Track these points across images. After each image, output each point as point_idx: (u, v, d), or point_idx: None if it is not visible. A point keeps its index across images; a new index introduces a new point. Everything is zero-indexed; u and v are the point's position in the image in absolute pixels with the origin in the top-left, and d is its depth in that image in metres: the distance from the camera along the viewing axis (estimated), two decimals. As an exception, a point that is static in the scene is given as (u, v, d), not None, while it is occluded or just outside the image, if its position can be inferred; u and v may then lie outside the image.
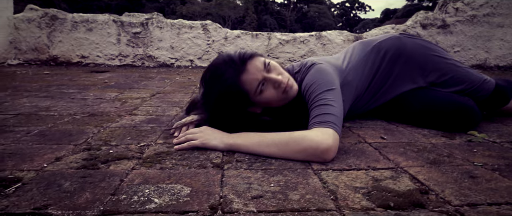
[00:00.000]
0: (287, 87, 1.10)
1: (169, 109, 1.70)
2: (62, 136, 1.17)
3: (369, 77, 1.36)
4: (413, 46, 1.37)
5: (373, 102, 1.41)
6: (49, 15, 4.28)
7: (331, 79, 1.12)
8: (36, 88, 2.32)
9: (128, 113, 1.57)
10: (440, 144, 1.13)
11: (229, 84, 1.05)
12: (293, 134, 0.97)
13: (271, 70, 1.10)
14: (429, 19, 4.54)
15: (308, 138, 0.94)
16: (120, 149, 1.03)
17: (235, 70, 1.05)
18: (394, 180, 0.82)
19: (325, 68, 1.16)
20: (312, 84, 1.10)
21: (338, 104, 1.05)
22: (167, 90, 2.37)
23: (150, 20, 4.37)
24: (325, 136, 0.94)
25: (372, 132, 1.27)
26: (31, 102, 1.80)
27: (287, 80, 1.10)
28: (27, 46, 4.28)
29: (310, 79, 1.13)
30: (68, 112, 1.58)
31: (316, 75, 1.13)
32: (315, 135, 0.95)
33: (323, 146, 0.92)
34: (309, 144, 0.93)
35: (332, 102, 1.03)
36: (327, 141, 0.93)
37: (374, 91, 1.38)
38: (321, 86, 1.08)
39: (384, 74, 1.36)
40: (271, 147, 0.97)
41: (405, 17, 35.71)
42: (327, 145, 0.92)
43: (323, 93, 1.06)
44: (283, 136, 0.98)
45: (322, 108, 1.02)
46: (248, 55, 1.08)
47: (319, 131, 0.97)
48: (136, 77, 3.20)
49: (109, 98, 2.00)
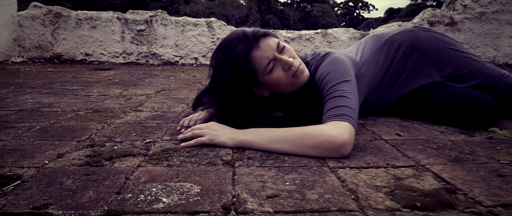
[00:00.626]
0: (298, 71, 1.05)
1: (174, 105, 1.65)
2: (65, 132, 1.13)
3: (382, 71, 1.31)
4: (427, 39, 1.32)
5: (386, 97, 1.36)
6: (53, 12, 4.25)
7: (347, 69, 1.07)
8: (39, 85, 2.28)
9: (133, 110, 1.53)
10: (460, 141, 1.08)
11: (239, 58, 1.01)
12: (307, 129, 0.92)
13: (283, 52, 1.05)
14: (437, 16, 4.47)
15: (324, 133, 0.89)
16: (125, 146, 0.99)
17: (247, 45, 1.01)
18: (417, 179, 0.76)
19: (340, 58, 1.11)
20: (328, 74, 1.05)
21: (354, 96, 1.00)
22: (172, 87, 2.32)
23: (155, 18, 4.33)
24: (341, 130, 0.89)
25: (387, 129, 1.22)
26: (34, 99, 1.76)
27: (299, 64, 1.06)
28: (31, 43, 4.26)
29: (325, 69, 1.07)
30: (71, 108, 1.54)
31: (331, 65, 1.07)
32: (331, 129, 0.90)
33: (339, 140, 0.87)
34: (325, 138, 0.88)
35: (348, 94, 0.98)
36: (344, 136, 0.88)
37: (387, 86, 1.33)
38: (337, 77, 1.03)
39: (398, 68, 1.31)
40: (284, 143, 0.92)
41: (409, 16, 35.51)
42: (343, 139, 0.88)
43: (339, 84, 1.01)
44: (296, 131, 0.93)
45: (337, 100, 0.97)
46: (262, 32, 1.04)
47: (335, 125, 0.92)
48: (140, 75, 3.16)
49: (113, 94, 1.96)
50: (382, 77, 1.31)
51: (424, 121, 1.34)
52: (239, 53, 1.01)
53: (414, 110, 1.36)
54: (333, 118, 0.94)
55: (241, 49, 1.01)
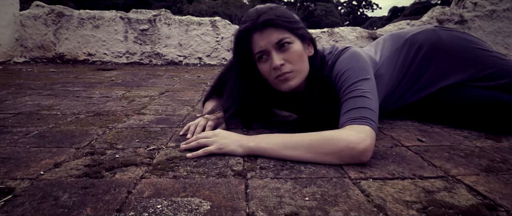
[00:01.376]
0: (281, 77, 0.98)
1: (179, 108, 1.58)
2: (64, 138, 1.06)
3: (401, 71, 1.23)
4: (450, 38, 1.24)
5: (405, 99, 1.28)
6: (56, 12, 4.20)
7: (367, 66, 1.00)
8: (40, 86, 2.22)
9: (136, 113, 1.46)
10: (488, 147, 1.00)
11: (241, 33, 1.01)
12: (325, 134, 0.85)
13: (283, 51, 0.98)
14: (446, 14, 4.37)
15: (343, 138, 0.82)
16: (127, 154, 0.92)
17: (253, 25, 0.98)
18: (449, 192, 0.69)
19: (360, 53, 1.03)
20: (346, 70, 0.98)
21: (374, 96, 0.93)
22: (176, 88, 2.25)
23: (158, 17, 4.27)
24: (361, 135, 0.83)
25: (407, 134, 1.14)
26: (34, 101, 1.70)
27: (287, 72, 0.97)
28: (33, 43, 4.21)
29: (344, 65, 1.00)
30: (71, 111, 1.47)
31: (351, 61, 1.00)
32: (350, 134, 0.83)
33: (360, 147, 0.81)
34: (345, 144, 0.81)
35: (368, 94, 0.91)
36: (365, 142, 0.82)
37: (406, 88, 1.25)
38: (356, 74, 0.95)
39: (418, 69, 1.23)
40: (299, 149, 0.85)
41: (413, 15, 35.24)
42: (364, 146, 0.81)
43: (358, 83, 0.94)
44: (313, 136, 0.86)
45: (357, 101, 0.90)
46: (273, 22, 0.97)
47: (354, 129, 0.85)
48: (143, 75, 3.09)
49: (116, 96, 1.89)
50: (401, 78, 1.23)
51: (444, 125, 1.26)
52: (243, 29, 1.00)
53: (434, 112, 1.28)
54: (352, 122, 0.87)
55: (247, 27, 1.00)
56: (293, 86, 1.00)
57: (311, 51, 1.06)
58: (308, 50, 1.06)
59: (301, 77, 1.01)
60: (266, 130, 1.17)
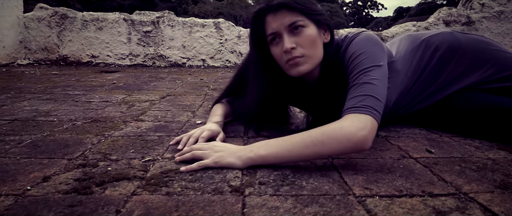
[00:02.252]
0: (291, 61, 0.96)
1: (179, 114, 1.54)
2: (57, 147, 1.02)
3: (416, 72, 1.17)
4: (468, 40, 1.19)
5: (417, 103, 1.22)
6: (59, 14, 4.19)
7: (381, 52, 0.96)
8: (40, 90, 2.19)
9: (134, 119, 1.42)
10: (501, 159, 0.94)
11: (255, 14, 1.01)
12: (324, 128, 0.84)
13: (296, 35, 0.95)
14: (453, 15, 4.30)
15: (342, 130, 0.81)
16: (120, 166, 0.87)
17: (267, 6, 0.98)
18: (462, 214, 0.64)
19: (375, 37, 0.99)
20: (360, 54, 0.94)
21: (383, 84, 0.90)
22: (178, 92, 2.22)
23: (161, 19, 4.24)
24: (361, 125, 0.82)
25: (414, 144, 1.09)
26: (32, 106, 1.67)
27: (298, 56, 0.95)
28: (37, 45, 4.20)
29: (359, 47, 0.95)
30: (69, 117, 1.43)
31: (365, 44, 0.96)
32: (349, 124, 0.82)
33: (359, 137, 0.80)
34: (344, 136, 0.81)
35: (376, 81, 0.89)
36: (363, 132, 0.81)
37: (420, 90, 1.19)
38: (368, 60, 0.92)
39: (434, 71, 1.17)
40: (300, 148, 0.82)
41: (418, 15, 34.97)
42: (363, 135, 0.81)
43: (369, 69, 0.91)
44: (312, 132, 0.83)
45: (363, 88, 0.88)
46: (287, 4, 0.95)
47: (354, 119, 0.83)
48: (146, 78, 3.06)
49: (116, 101, 1.86)
50: (416, 79, 1.18)
51: (453, 133, 1.21)
52: (257, 10, 1.01)
53: (444, 119, 1.22)
54: (354, 111, 0.85)
55: (261, 8, 1.00)
56: (303, 72, 0.97)
57: (327, 38, 1.02)
58: (324, 36, 1.02)
59: (312, 63, 0.98)
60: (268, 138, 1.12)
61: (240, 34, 4.31)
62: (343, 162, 0.91)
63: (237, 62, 4.31)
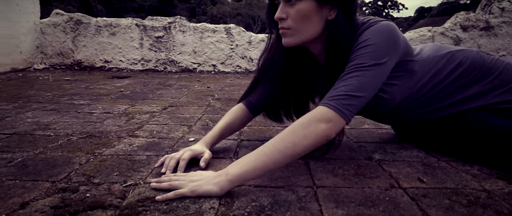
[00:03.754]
0: (281, 30, 1.00)
1: (176, 128, 1.53)
2: (45, 167, 1.03)
3: (431, 81, 1.10)
4: (493, 61, 1.11)
5: (426, 112, 1.15)
6: (74, 19, 4.28)
7: (390, 48, 0.94)
8: (47, 99, 2.24)
9: (129, 134, 1.42)
10: (497, 192, 0.89)
11: None
12: (293, 128, 0.86)
13: (290, 6, 0.97)
14: (471, 20, 4.16)
15: (310, 128, 0.85)
16: (99, 191, 0.87)
17: None
18: (439, 261, 0.60)
19: (393, 31, 0.96)
20: (366, 45, 0.92)
21: (374, 83, 0.91)
22: (181, 102, 2.22)
23: (173, 24, 4.28)
24: (328, 124, 0.85)
25: (408, 170, 1.04)
26: (34, 118, 1.70)
27: (286, 27, 0.98)
28: (53, 50, 4.30)
29: (370, 37, 0.93)
30: (66, 131, 1.45)
31: (378, 36, 0.93)
32: (318, 120, 0.86)
33: (322, 133, 0.85)
34: (311, 132, 0.85)
35: (366, 79, 0.89)
36: (326, 130, 0.85)
37: (431, 101, 1.13)
38: (371, 55, 0.91)
39: (451, 87, 1.11)
40: (274, 153, 0.84)
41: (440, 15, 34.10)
42: (326, 133, 0.85)
43: (366, 66, 0.90)
44: (284, 135, 0.85)
45: (349, 83, 0.89)
46: None
47: (324, 115, 0.86)
48: (154, 85, 3.09)
49: (117, 112, 1.87)
50: (429, 88, 1.11)
51: (454, 157, 1.15)
52: None
53: (449, 136, 1.15)
54: (328, 105, 0.87)
55: None
56: (290, 44, 1.00)
57: (331, 15, 0.99)
58: (329, 13, 0.98)
59: (300, 37, 0.99)
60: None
61: (251, 40, 4.29)
62: (326, 192, 0.88)
63: (247, 68, 4.30)
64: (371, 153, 1.21)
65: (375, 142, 1.35)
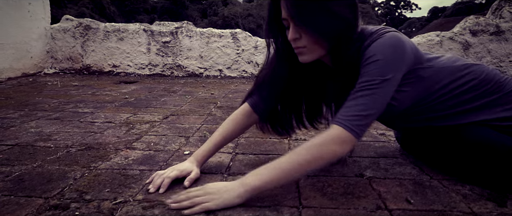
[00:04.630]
0: (296, 50, 1.00)
1: (173, 140, 1.55)
2: (40, 182, 1.06)
3: (442, 90, 1.09)
4: (509, 80, 1.11)
5: (431, 119, 1.14)
6: (83, 25, 4.35)
7: (398, 62, 0.95)
8: (53, 106, 2.29)
9: (127, 146, 1.45)
10: (485, 215, 0.88)
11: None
12: (309, 148, 0.92)
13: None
14: (480, 25, 4.09)
15: (326, 148, 0.91)
16: (89, 209, 0.89)
17: None
18: None
19: (403, 41, 0.96)
20: (374, 61, 0.92)
21: (383, 99, 0.93)
22: (183, 111, 2.24)
23: (180, 29, 4.32)
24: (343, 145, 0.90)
25: (397, 189, 1.04)
26: (38, 127, 1.74)
27: (301, 46, 0.98)
28: (63, 55, 4.39)
29: (377, 52, 0.93)
30: (66, 143, 1.48)
31: (385, 51, 0.93)
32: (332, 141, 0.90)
33: (338, 154, 0.91)
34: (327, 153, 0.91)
35: (376, 96, 0.91)
36: (342, 150, 0.91)
37: (438, 108, 1.11)
38: (379, 71, 0.91)
39: (461, 100, 1.09)
40: (291, 171, 0.91)
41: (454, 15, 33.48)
42: (341, 153, 0.91)
43: (375, 84, 0.91)
44: (300, 152, 0.91)
45: (361, 103, 0.91)
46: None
47: (339, 135, 0.90)
48: (159, 91, 3.13)
49: (119, 121, 1.90)
50: (439, 95, 1.09)
51: (449, 174, 1.14)
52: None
53: (444, 148, 1.13)
54: (342, 125, 0.90)
55: None
56: (306, 61, 1.01)
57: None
58: None
59: (316, 53, 1.00)
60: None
61: (257, 45, 4.30)
62: (311, 213, 0.88)
63: (253, 73, 4.31)
64: (363, 169, 1.20)
65: (369, 157, 1.34)
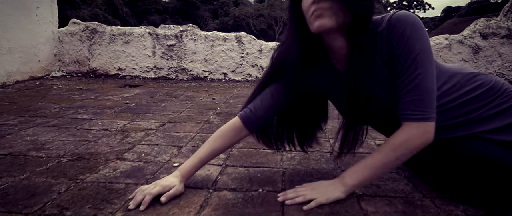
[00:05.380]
0: (317, 11, 0.92)
1: (165, 150, 1.54)
2: (24, 196, 1.06)
3: (447, 97, 1.05)
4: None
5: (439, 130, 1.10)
6: (90, 28, 4.39)
7: (425, 33, 0.94)
8: (54, 112, 2.30)
9: (118, 157, 1.44)
10: (475, 240, 0.84)
11: None
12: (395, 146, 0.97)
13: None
14: (491, 27, 3.99)
15: (411, 144, 0.96)
16: (66, 228, 0.88)
17: None
18: None
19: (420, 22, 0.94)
20: (416, 40, 0.91)
21: (432, 74, 0.94)
22: (181, 117, 2.23)
23: (185, 33, 4.32)
24: (425, 135, 0.94)
25: (386, 209, 1.00)
26: (34, 135, 1.75)
27: (325, 7, 0.92)
28: (70, 58, 4.44)
29: (411, 33, 0.90)
30: (58, 152, 1.48)
31: (419, 32, 0.91)
32: (414, 136, 0.95)
33: (423, 144, 0.96)
34: (414, 148, 0.96)
35: (431, 83, 0.93)
36: (425, 139, 0.95)
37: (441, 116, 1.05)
38: (425, 56, 0.91)
39: (465, 110, 1.05)
40: (383, 167, 1.00)
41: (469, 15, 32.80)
42: (427, 140, 0.95)
43: (424, 69, 0.92)
44: (387, 151, 0.98)
45: (420, 89, 0.92)
46: None
47: (417, 129, 0.94)
48: (161, 95, 3.12)
49: (115, 129, 1.90)
50: (444, 102, 1.05)
51: (443, 191, 1.09)
52: None
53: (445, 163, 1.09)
54: (414, 119, 0.94)
55: None
56: (325, 25, 0.93)
57: None
58: None
59: (337, 20, 0.93)
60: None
61: (261, 48, 4.28)
62: (291, 236, 0.85)
63: (258, 76, 4.29)
64: (354, 185, 1.17)
65: (363, 171, 1.30)
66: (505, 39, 3.98)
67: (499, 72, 4.04)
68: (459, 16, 38.38)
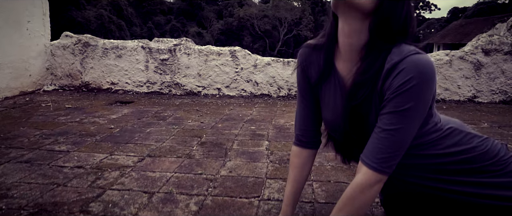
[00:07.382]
0: None
1: (134, 199, 1.44)
2: None
3: (435, 149, 0.96)
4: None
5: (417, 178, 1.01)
6: (82, 42, 4.33)
7: (430, 95, 0.86)
8: (32, 142, 2.22)
9: (82, 208, 1.35)
10: None
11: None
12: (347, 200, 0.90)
13: None
14: (494, 43, 3.85)
15: (361, 196, 0.89)
16: None
17: None
18: None
19: (433, 72, 0.84)
20: (410, 99, 0.82)
21: (412, 132, 0.87)
22: (163, 149, 2.13)
23: (178, 47, 4.23)
24: (374, 186, 0.88)
25: None
26: (2, 176, 1.66)
27: None
28: (62, 72, 4.37)
29: (413, 87, 0.81)
30: (20, 202, 1.39)
31: (423, 90, 0.82)
32: (363, 187, 0.88)
33: (372, 197, 0.89)
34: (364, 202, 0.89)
35: (406, 140, 0.86)
36: (374, 192, 0.89)
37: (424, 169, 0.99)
38: (413, 114, 0.84)
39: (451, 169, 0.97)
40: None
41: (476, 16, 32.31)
42: (375, 193, 0.89)
43: (406, 125, 0.85)
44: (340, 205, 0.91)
45: (391, 140, 0.86)
46: None
47: (370, 178, 0.88)
48: (149, 117, 3.04)
49: (90, 166, 1.81)
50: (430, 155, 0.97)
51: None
52: None
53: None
54: (372, 167, 0.87)
55: None
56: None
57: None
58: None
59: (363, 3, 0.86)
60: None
61: (256, 63, 4.17)
62: None
63: (252, 92, 4.19)
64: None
65: None
66: (508, 55, 3.85)
67: (501, 89, 3.90)
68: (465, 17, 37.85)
